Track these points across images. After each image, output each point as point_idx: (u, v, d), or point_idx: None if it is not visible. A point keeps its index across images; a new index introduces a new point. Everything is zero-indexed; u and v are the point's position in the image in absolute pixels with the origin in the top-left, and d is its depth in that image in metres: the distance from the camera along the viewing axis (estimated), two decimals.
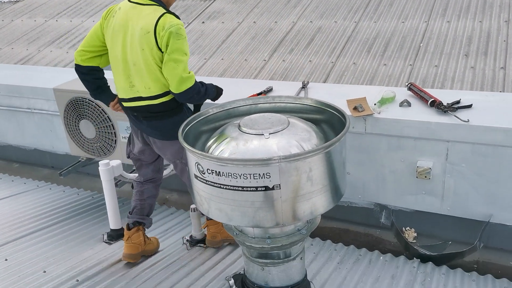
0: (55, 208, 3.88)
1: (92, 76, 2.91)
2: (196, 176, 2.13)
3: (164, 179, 4.11)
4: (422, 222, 3.35)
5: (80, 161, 4.02)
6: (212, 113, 2.53)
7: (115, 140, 3.68)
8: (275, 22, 6.61)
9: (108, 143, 3.71)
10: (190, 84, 2.65)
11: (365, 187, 3.43)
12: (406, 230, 3.39)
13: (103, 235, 3.36)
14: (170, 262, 2.97)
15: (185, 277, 2.79)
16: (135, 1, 2.67)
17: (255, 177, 1.95)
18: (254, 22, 6.76)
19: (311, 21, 6.34)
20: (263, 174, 1.94)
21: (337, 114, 2.35)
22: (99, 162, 3.22)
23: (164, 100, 2.75)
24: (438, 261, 3.04)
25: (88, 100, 3.62)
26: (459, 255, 3.07)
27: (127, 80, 2.77)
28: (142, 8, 2.64)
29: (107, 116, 3.61)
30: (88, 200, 4.11)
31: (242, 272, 2.67)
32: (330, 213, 3.66)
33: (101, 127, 3.67)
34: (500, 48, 4.86)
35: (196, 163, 2.08)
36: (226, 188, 2.02)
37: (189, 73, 2.66)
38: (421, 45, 5.25)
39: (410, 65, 4.94)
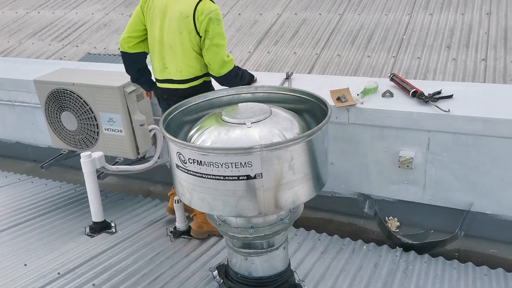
0: (36, 201, 3.83)
1: (139, 64, 3.05)
2: (177, 166, 2.12)
3: (148, 171, 4.09)
4: (404, 211, 3.39)
5: (62, 153, 3.96)
6: (194, 102, 2.52)
7: (97, 132, 3.63)
8: (260, 14, 6.60)
9: (90, 135, 3.67)
10: (230, 67, 2.83)
11: (349, 177, 3.46)
12: (389, 220, 3.42)
13: (85, 228, 3.33)
14: (153, 254, 2.95)
15: (169, 269, 2.79)
16: None
17: (236, 166, 1.94)
18: (239, 14, 6.74)
19: (295, 13, 6.34)
20: (245, 163, 1.94)
21: (318, 103, 2.35)
22: (81, 154, 3.18)
23: (193, 85, 2.89)
24: (420, 249, 3.08)
25: (70, 91, 3.56)
26: (440, 244, 3.11)
27: (161, 62, 2.91)
28: None
29: (89, 108, 3.56)
30: (71, 193, 4.06)
31: (226, 263, 2.67)
32: (314, 203, 3.70)
33: (83, 119, 3.62)
34: (481, 40, 4.92)
35: (177, 152, 2.06)
36: (208, 178, 2.01)
37: (229, 56, 2.82)
38: (404, 37, 5.29)
39: (393, 56, 4.97)
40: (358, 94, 3.27)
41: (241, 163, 1.94)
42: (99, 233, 3.27)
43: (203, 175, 2.01)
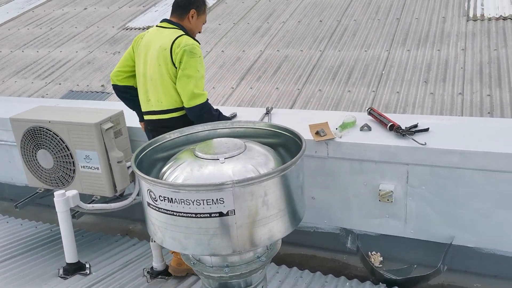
0: (11, 242, 3.70)
1: (129, 94, 3.26)
2: (148, 204, 2.07)
3: (127, 209, 4.01)
4: (387, 246, 3.33)
5: (37, 192, 3.86)
6: (169, 138, 2.49)
7: (74, 169, 3.56)
8: (243, 51, 6.69)
9: (66, 173, 3.60)
10: (201, 100, 2.89)
11: (330, 211, 3.42)
12: (372, 255, 3.36)
13: (59, 269, 3.21)
14: None
15: None
16: (160, 25, 3.04)
17: (208, 203, 1.90)
18: (222, 51, 6.83)
19: (278, 50, 6.44)
20: (217, 199, 1.90)
21: (293, 137, 2.34)
22: (54, 193, 3.11)
23: (174, 116, 2.99)
24: (404, 285, 3.02)
25: (46, 129, 3.51)
26: (424, 279, 3.05)
27: (145, 94, 3.08)
28: (164, 30, 3.00)
29: (65, 145, 3.51)
30: (47, 233, 3.94)
31: None
32: (296, 239, 3.65)
33: (59, 157, 3.55)
34: (457, 74, 5.03)
35: (148, 190, 2.02)
36: (179, 215, 1.96)
37: (202, 91, 2.89)
38: (383, 72, 5.38)
39: (373, 91, 5.04)
40: (336, 128, 3.28)
41: (212, 199, 1.89)
42: (72, 274, 3.15)
43: (174, 213, 1.96)
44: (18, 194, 4.60)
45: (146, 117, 3.16)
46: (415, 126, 3.12)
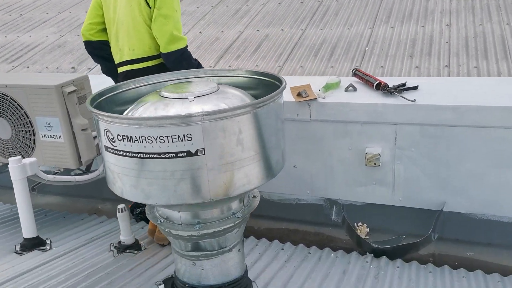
0: None
1: (104, 52, 2.88)
2: (106, 148, 1.79)
3: (96, 187, 3.70)
4: (374, 216, 3.12)
5: None
6: (133, 86, 2.22)
7: (34, 139, 3.25)
8: (222, 31, 6.45)
9: (25, 144, 3.28)
10: (181, 45, 2.57)
11: (313, 181, 3.19)
12: (358, 226, 3.14)
13: (16, 246, 2.89)
14: (90, 270, 2.54)
15: (106, 284, 2.38)
16: None
17: (173, 140, 1.64)
18: (200, 32, 6.57)
19: (258, 30, 6.21)
20: (184, 136, 1.63)
21: (273, 81, 2.10)
22: (9, 159, 2.80)
23: (148, 65, 2.64)
24: (392, 255, 2.79)
25: (2, 94, 3.19)
26: (413, 248, 2.84)
27: (116, 44, 2.73)
28: None
29: (24, 112, 3.19)
30: (6, 213, 3.61)
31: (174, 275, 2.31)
32: (276, 213, 3.41)
33: (17, 125, 3.24)
34: (443, 49, 4.87)
35: (105, 130, 1.74)
36: (140, 157, 1.69)
37: (182, 34, 2.58)
38: (366, 48, 5.20)
39: (357, 66, 4.84)
40: (319, 90, 3.06)
41: (178, 136, 1.63)
42: (30, 250, 2.83)
43: (135, 154, 1.69)
44: None
45: (119, 69, 2.80)
46: (403, 84, 2.92)
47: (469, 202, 2.83)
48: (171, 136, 1.63)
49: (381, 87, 2.88)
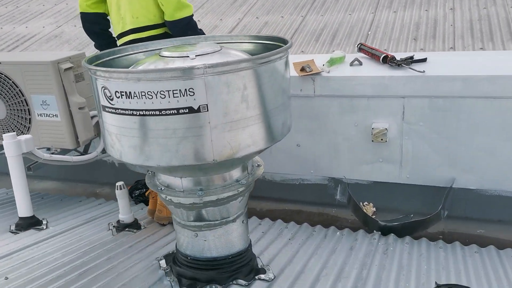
0: None
1: (99, 27, 2.79)
2: (104, 108, 1.70)
3: (94, 171, 3.62)
4: (380, 195, 3.02)
5: None
6: (131, 52, 2.12)
7: (29, 118, 3.15)
8: (220, 19, 6.35)
9: (21, 123, 3.18)
10: (187, 13, 2.50)
11: (317, 160, 3.09)
12: (364, 206, 3.05)
13: (10, 225, 2.79)
14: (88, 247, 2.44)
15: (105, 260, 2.28)
16: None
17: (175, 95, 1.54)
18: (198, 20, 6.47)
19: (257, 17, 6.12)
20: (186, 90, 1.54)
21: (278, 44, 2.00)
22: (3, 135, 2.70)
23: (153, 34, 2.55)
24: (400, 232, 2.69)
25: None
26: (422, 225, 2.75)
27: (117, 13, 2.61)
28: None
29: (19, 90, 3.09)
30: (2, 197, 3.51)
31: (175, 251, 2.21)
32: (279, 194, 3.31)
33: (12, 104, 3.14)
34: (448, 31, 4.79)
35: (102, 87, 1.65)
36: (139, 115, 1.60)
37: (187, 1, 2.50)
38: (369, 33, 5.11)
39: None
40: (323, 65, 2.96)
41: (180, 90, 1.54)
42: (26, 229, 2.73)
43: (134, 112, 1.60)
44: None
45: (119, 42, 2.69)
46: (411, 57, 2.82)
47: (480, 178, 2.74)
48: (172, 90, 1.54)
49: (388, 60, 2.79)
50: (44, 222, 2.83)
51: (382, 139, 2.81)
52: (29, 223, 2.78)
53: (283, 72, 1.78)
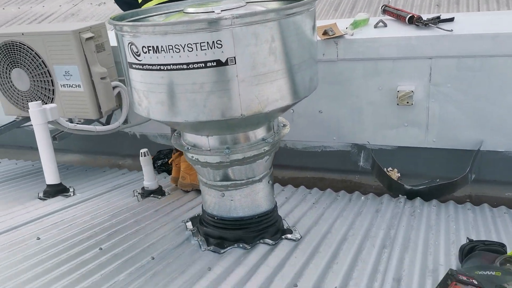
0: None
1: None
2: (130, 65, 1.69)
3: (116, 144, 3.65)
4: (405, 160, 2.99)
5: (15, 120, 3.48)
6: (155, 13, 2.09)
7: (53, 89, 3.17)
8: None
9: (44, 94, 3.21)
10: None
11: (340, 125, 3.05)
12: (388, 172, 3.01)
13: (38, 193, 2.84)
14: (115, 211, 2.47)
15: (133, 222, 2.31)
16: None
17: (202, 47, 1.52)
18: None
19: None
20: (213, 42, 1.52)
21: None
22: (29, 104, 2.72)
23: None
24: (427, 196, 2.66)
25: (19, 43, 3.11)
26: (449, 188, 2.70)
27: None
28: None
29: (42, 61, 3.11)
30: (28, 168, 3.57)
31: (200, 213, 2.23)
32: (301, 162, 3.30)
33: (35, 75, 3.16)
34: None
35: (129, 43, 1.64)
36: (167, 69, 1.58)
37: None
38: (389, 0, 4.99)
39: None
40: (347, 28, 2.90)
41: (208, 43, 1.52)
42: (53, 196, 2.78)
43: (161, 67, 1.59)
44: None
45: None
46: (438, 17, 2.74)
47: (509, 139, 2.68)
48: (200, 43, 1.52)
49: (414, 20, 2.72)
50: (71, 189, 2.88)
51: (407, 102, 2.75)
52: (57, 190, 2.82)
53: (311, 25, 1.74)
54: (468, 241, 1.85)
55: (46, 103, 3.23)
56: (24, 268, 1.82)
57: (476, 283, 1.38)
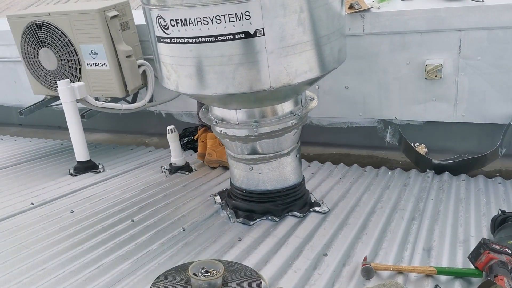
0: (18, 153, 3.44)
1: None
2: (159, 39, 1.70)
3: (142, 123, 3.69)
4: (433, 135, 2.94)
5: (44, 100, 3.56)
6: None
7: (80, 68, 3.23)
8: None
9: (71, 73, 3.26)
10: None
11: (366, 101, 3.02)
12: (416, 147, 2.97)
13: (69, 169, 2.92)
14: (145, 186, 2.53)
15: (162, 196, 2.36)
16: None
17: (231, 19, 1.52)
18: None
19: None
20: (241, 14, 1.52)
21: None
22: (58, 82, 2.78)
23: None
24: (455, 171, 2.62)
25: (46, 23, 3.16)
26: (478, 162, 2.66)
27: None
28: None
29: (68, 40, 3.16)
30: (58, 147, 3.66)
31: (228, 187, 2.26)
32: (326, 138, 3.28)
33: (62, 54, 3.22)
34: None
35: (157, 17, 1.65)
36: (195, 42, 1.59)
37: None
38: None
39: None
40: (373, 1, 2.84)
41: (236, 14, 1.52)
42: (84, 172, 2.86)
43: (190, 40, 1.59)
44: (27, 118, 4.32)
45: None
46: None
47: None
48: (228, 15, 1.52)
49: None
50: (100, 166, 2.95)
51: (436, 76, 2.70)
52: (87, 167, 2.90)
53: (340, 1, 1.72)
54: (500, 212, 1.83)
55: (73, 82, 3.29)
56: (60, 238, 1.89)
57: (510, 252, 1.37)
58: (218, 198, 2.28)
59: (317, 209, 2.10)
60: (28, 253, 1.77)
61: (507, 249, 1.40)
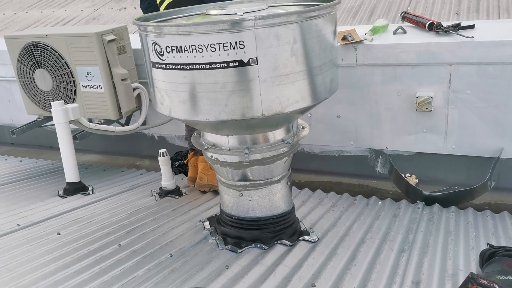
0: (10, 172, 3.40)
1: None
2: (154, 64, 1.72)
3: (134, 145, 3.69)
4: (423, 166, 2.97)
5: (37, 120, 3.55)
6: (178, 15, 2.13)
7: (75, 90, 3.24)
8: None
9: (66, 94, 3.28)
10: None
11: (358, 130, 3.05)
12: (406, 177, 2.99)
13: (58, 190, 2.90)
14: (134, 210, 2.51)
15: (151, 220, 2.34)
16: None
17: (225, 48, 1.55)
18: None
19: None
20: (236, 43, 1.55)
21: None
22: (52, 103, 2.79)
23: None
24: (445, 202, 2.64)
25: (43, 44, 3.19)
26: (468, 195, 2.68)
27: None
28: None
29: (65, 62, 3.18)
30: (48, 167, 3.64)
31: (218, 213, 2.25)
32: (318, 166, 3.30)
33: (58, 76, 3.23)
34: (492, 5, 4.60)
35: (153, 43, 1.67)
36: (190, 69, 1.61)
37: None
38: (408, 8, 4.97)
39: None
40: (366, 33, 2.90)
41: (230, 43, 1.55)
42: (73, 194, 2.83)
43: (184, 66, 1.62)
44: (20, 137, 4.30)
45: (165, 4, 2.63)
46: (458, 24, 2.73)
47: None
48: (223, 43, 1.54)
49: (434, 27, 2.71)
50: (90, 188, 2.93)
51: (426, 108, 2.74)
52: (76, 188, 2.87)
53: (332, 29, 1.76)
54: (488, 246, 1.83)
55: (67, 103, 3.30)
56: (45, 262, 1.86)
57: (498, 287, 1.37)
58: (207, 223, 2.27)
59: (306, 237, 2.09)
60: (11, 276, 1.74)
61: (495, 284, 1.40)
